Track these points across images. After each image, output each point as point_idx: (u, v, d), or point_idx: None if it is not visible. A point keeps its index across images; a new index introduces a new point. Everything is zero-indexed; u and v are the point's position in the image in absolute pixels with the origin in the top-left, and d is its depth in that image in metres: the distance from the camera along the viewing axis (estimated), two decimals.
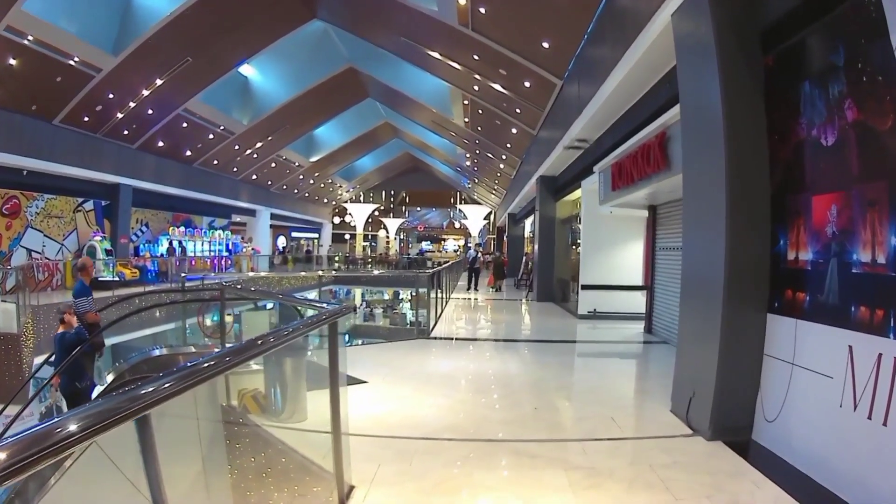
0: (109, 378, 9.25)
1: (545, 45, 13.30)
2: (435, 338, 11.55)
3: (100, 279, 19.39)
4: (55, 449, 1.27)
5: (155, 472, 2.00)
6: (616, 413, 6.23)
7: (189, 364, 1.95)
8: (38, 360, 12.68)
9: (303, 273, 26.94)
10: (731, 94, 5.34)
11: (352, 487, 4.08)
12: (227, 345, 7.24)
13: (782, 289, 5.20)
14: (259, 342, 2.41)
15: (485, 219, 56.80)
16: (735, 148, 5.29)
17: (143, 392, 1.65)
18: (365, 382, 7.45)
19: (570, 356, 10.42)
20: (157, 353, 9.73)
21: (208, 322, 9.37)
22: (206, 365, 1.96)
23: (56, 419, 1.36)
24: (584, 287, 14.59)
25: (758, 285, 5.38)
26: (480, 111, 21.40)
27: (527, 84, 15.67)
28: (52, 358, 8.42)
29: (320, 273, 18.32)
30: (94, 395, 8.04)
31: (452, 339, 11.61)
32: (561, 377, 8.36)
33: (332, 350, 3.66)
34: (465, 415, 6.14)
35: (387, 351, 10.23)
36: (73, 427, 1.35)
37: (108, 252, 21.65)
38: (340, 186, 48.50)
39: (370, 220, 57.77)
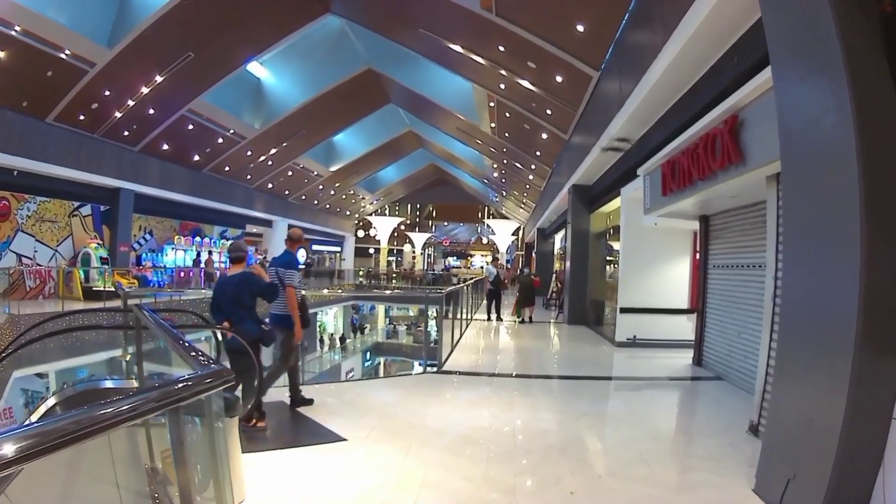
0: (51, 401, 7.78)
1: (580, 28, 11.48)
2: (447, 372, 9.66)
3: (93, 289, 18.32)
4: None
5: None
6: (682, 501, 4.35)
7: None
8: (17, 373, 11.46)
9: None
10: (852, 47, 3.58)
11: None
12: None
13: None
14: None
15: (513, 234, 54.73)
16: (867, 121, 3.49)
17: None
18: (342, 440, 5.65)
19: (612, 401, 8.37)
20: (108, 384, 8.09)
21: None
22: None
23: None
24: (624, 310, 12.69)
25: (892, 321, 3.58)
26: (508, 114, 19.62)
27: (559, 78, 13.86)
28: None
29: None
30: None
31: (468, 373, 9.62)
32: (603, 435, 6.38)
33: (176, 449, 1.83)
34: None
35: (383, 389, 8.31)
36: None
37: (103, 260, 20.37)
38: (363, 198, 47.03)
39: (395, 233, 56.30)
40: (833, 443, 3.66)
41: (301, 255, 45.10)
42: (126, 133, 20.69)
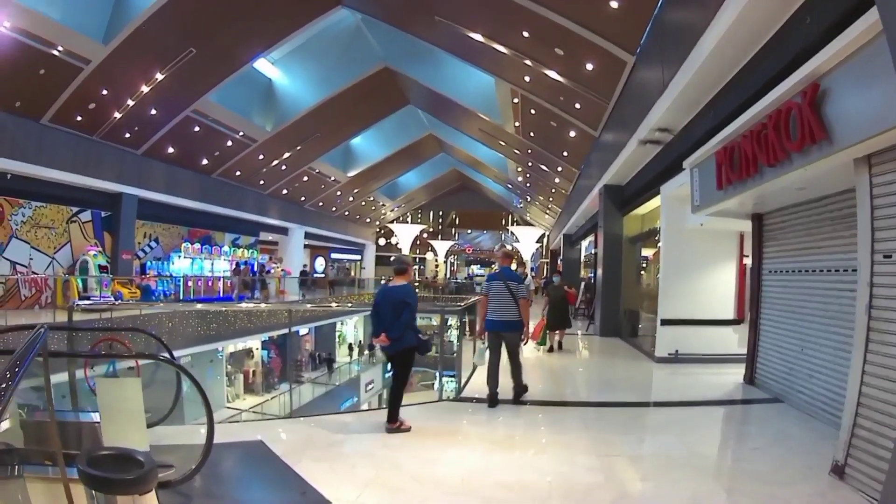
0: None
1: (613, 4, 10.19)
2: (465, 399, 8.24)
3: (91, 298, 17.29)
4: None
5: None
6: None
7: None
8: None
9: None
10: None
11: None
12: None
13: None
14: None
15: (537, 241, 53.26)
16: None
17: None
18: None
19: (663, 435, 6.80)
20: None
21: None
22: None
23: None
24: (665, 322, 11.32)
25: None
26: (533, 111, 18.34)
27: (589, 66, 12.56)
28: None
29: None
30: None
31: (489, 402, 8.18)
32: (662, 491, 4.87)
33: None
34: None
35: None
36: None
37: (101, 268, 19.35)
38: (384, 205, 45.92)
39: (417, 241, 55.16)
40: None
41: (319, 263, 44.42)
42: (127, 135, 19.67)
